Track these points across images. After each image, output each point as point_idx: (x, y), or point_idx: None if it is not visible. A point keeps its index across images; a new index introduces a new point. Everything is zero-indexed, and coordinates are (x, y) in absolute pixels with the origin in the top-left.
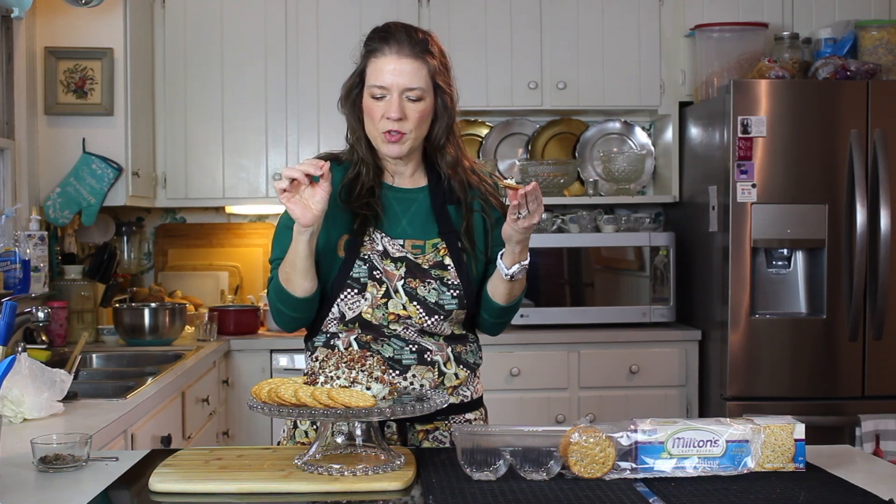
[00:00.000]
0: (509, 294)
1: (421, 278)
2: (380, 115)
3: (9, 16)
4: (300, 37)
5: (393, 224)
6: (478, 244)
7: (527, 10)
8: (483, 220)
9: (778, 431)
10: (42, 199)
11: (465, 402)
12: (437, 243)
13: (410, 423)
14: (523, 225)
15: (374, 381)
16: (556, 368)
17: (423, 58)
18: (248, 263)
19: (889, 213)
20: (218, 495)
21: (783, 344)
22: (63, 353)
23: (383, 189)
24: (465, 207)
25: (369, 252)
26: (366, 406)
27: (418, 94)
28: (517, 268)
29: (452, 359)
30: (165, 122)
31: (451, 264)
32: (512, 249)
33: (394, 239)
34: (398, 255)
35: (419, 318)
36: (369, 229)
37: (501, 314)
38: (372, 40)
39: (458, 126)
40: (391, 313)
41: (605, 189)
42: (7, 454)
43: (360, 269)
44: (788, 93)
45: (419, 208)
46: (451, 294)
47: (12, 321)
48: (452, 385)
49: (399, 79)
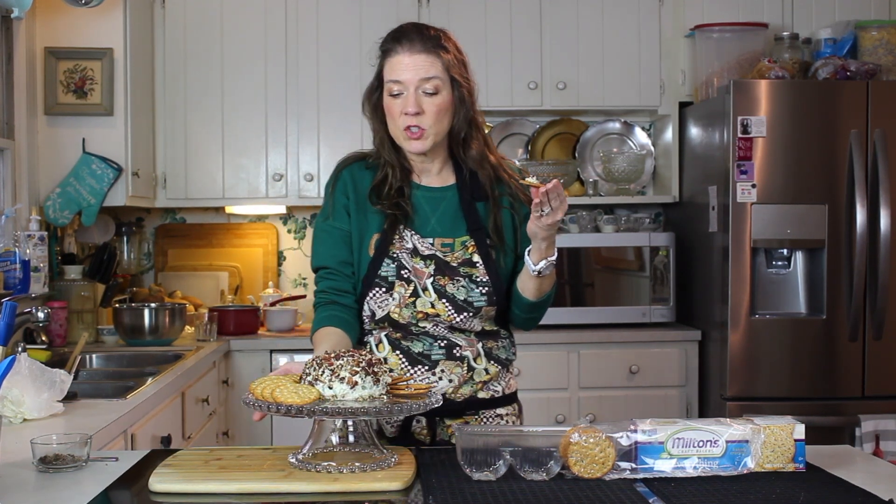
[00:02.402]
0: (538, 290)
1: (450, 276)
2: (398, 111)
3: (9, 16)
4: (300, 37)
5: (423, 223)
6: (506, 240)
7: (527, 10)
8: (512, 216)
9: (778, 432)
10: (42, 199)
11: (497, 397)
12: (465, 241)
13: (440, 418)
14: (546, 222)
15: (337, 380)
16: (556, 368)
17: (436, 52)
18: (247, 263)
19: (889, 213)
20: (218, 495)
21: (783, 344)
22: (63, 354)
23: (412, 188)
24: (494, 203)
25: (398, 251)
26: (303, 403)
27: (434, 85)
28: (544, 264)
29: (483, 354)
30: (165, 122)
31: (479, 261)
32: (538, 246)
33: (423, 237)
34: (427, 254)
35: (448, 316)
36: (399, 228)
37: (532, 309)
38: (386, 41)
39: (483, 121)
40: (419, 312)
41: (604, 189)
42: (7, 454)
43: (388, 267)
44: (788, 93)
45: (448, 206)
46: (479, 291)
47: (12, 321)
48: (482, 380)
49: (413, 73)
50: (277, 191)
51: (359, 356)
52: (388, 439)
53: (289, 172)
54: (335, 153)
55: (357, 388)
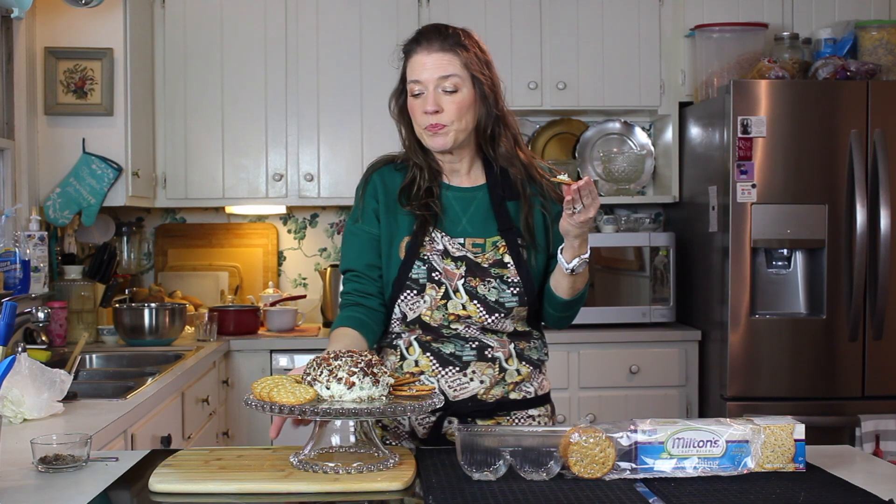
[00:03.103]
0: (572, 288)
1: (481, 277)
2: (420, 111)
3: (9, 16)
4: (300, 37)
5: (453, 223)
6: (538, 239)
7: (527, 10)
8: (543, 215)
9: (778, 432)
10: (42, 199)
11: (529, 398)
12: (496, 241)
13: (472, 419)
14: (579, 219)
15: (335, 380)
16: (556, 368)
17: (454, 50)
18: (248, 263)
19: (889, 213)
20: (218, 495)
21: (783, 344)
22: (63, 354)
23: (442, 189)
24: (525, 202)
25: (429, 253)
26: (297, 403)
27: (453, 83)
28: (577, 262)
29: (514, 355)
30: (165, 122)
31: (510, 262)
32: (571, 244)
33: (454, 238)
34: (458, 255)
35: (479, 317)
36: (429, 229)
37: (566, 308)
38: (407, 43)
39: (514, 120)
40: (451, 314)
41: (605, 189)
42: (7, 454)
43: (419, 270)
44: (788, 93)
45: (479, 206)
46: (511, 292)
47: (12, 321)
48: (514, 381)
49: (431, 72)
50: (277, 191)
51: (358, 357)
52: (421, 440)
53: (289, 172)
54: (335, 153)
55: (355, 388)
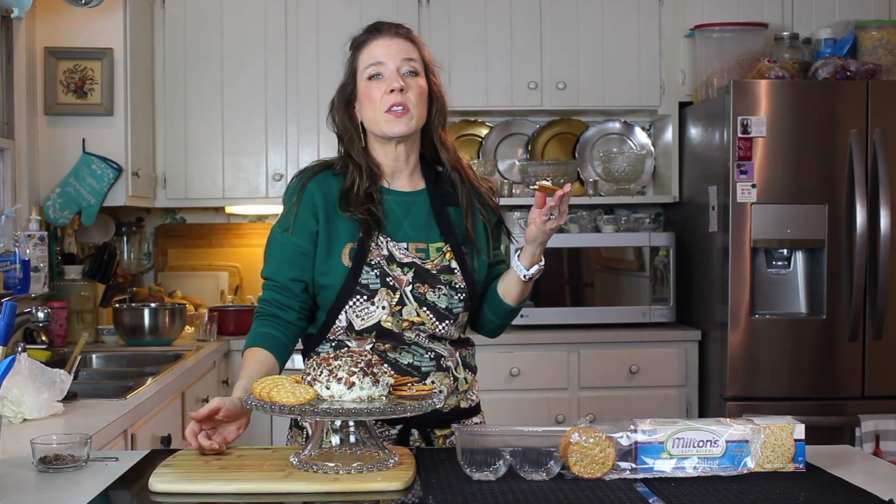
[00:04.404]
0: (521, 295)
1: (430, 283)
2: (380, 92)
3: (9, 16)
4: (300, 37)
5: (395, 228)
6: (480, 245)
7: (527, 10)
8: (483, 222)
9: (778, 432)
10: (42, 199)
11: (473, 405)
12: (441, 247)
13: (431, 430)
14: (551, 226)
15: (335, 380)
16: (556, 368)
17: (414, 41)
18: (247, 263)
19: (889, 213)
20: (218, 495)
21: (783, 344)
22: (63, 354)
23: (382, 194)
24: (467, 207)
25: (377, 258)
26: (297, 403)
27: (414, 67)
28: (536, 269)
29: (461, 363)
30: (165, 122)
31: (457, 268)
32: (533, 251)
33: (398, 243)
34: (406, 261)
35: (431, 324)
36: (374, 234)
37: (509, 315)
38: (358, 37)
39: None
40: (405, 320)
41: (604, 189)
42: (7, 454)
43: (368, 275)
44: (788, 93)
45: (419, 211)
46: (458, 298)
47: (12, 321)
48: (463, 390)
49: (396, 53)
50: (277, 191)
51: (358, 356)
52: None
53: (289, 172)
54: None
55: (355, 388)
